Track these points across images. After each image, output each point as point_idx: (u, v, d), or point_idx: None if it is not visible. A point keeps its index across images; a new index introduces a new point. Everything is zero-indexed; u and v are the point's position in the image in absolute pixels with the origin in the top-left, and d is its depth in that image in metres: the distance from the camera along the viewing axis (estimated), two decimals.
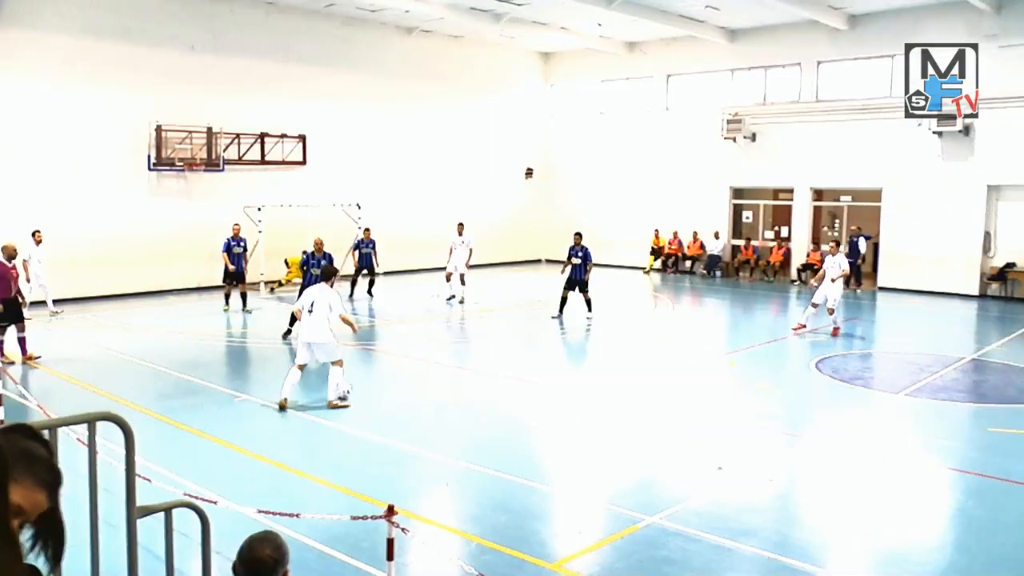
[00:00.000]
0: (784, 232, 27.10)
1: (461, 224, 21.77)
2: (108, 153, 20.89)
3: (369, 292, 21.55)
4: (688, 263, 28.65)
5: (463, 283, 20.73)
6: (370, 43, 26.16)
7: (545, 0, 22.71)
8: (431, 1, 22.92)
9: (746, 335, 18.30)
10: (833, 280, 17.13)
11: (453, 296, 20.83)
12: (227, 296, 18.97)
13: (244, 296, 19.05)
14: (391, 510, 5.89)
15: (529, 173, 31.79)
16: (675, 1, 23.21)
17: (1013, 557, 7.03)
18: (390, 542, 5.87)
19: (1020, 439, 10.37)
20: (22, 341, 13.51)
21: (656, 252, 29.00)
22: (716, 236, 27.77)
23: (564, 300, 18.40)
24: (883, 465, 9.45)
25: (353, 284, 21.53)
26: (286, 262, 23.54)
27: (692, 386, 13.17)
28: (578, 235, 18.62)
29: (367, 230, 21.75)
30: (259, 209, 22.04)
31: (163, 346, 15.44)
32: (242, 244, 18.97)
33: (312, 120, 24.66)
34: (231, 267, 18.46)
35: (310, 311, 11.03)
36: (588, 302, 18.12)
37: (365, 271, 21.52)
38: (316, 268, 15.79)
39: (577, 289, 18.20)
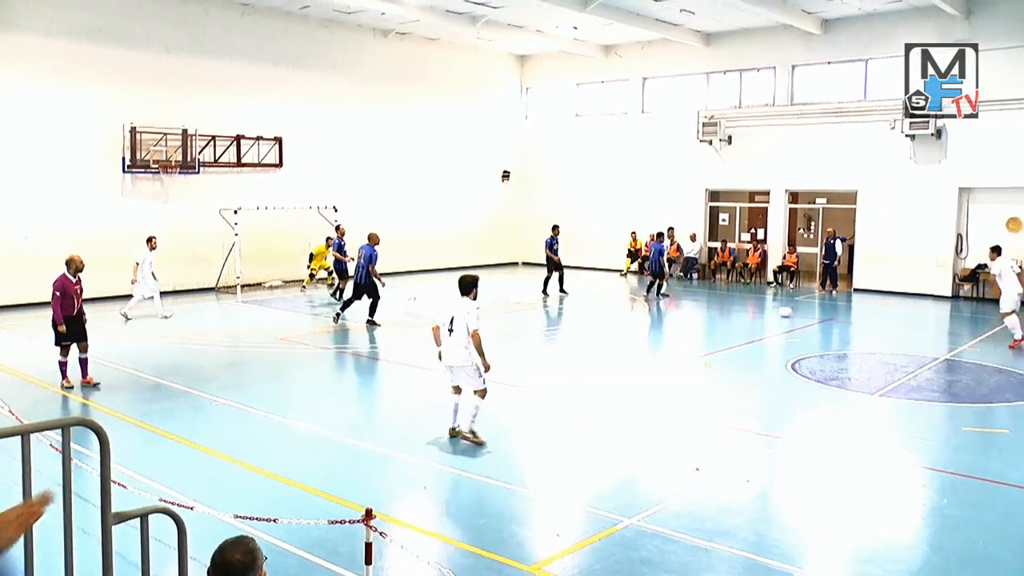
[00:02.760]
0: (760, 234, 27.29)
1: None
2: (82, 155, 20.69)
3: (333, 295, 21.45)
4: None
5: None
6: (346, 45, 26.10)
7: (521, 3, 22.75)
8: (407, 3, 22.89)
9: (723, 337, 18.40)
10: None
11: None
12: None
13: None
14: (369, 514, 5.86)
15: (506, 176, 31.81)
16: (650, 5, 23.30)
17: (987, 555, 7.10)
18: (368, 546, 5.84)
19: (993, 438, 10.50)
20: (83, 363, 12.31)
21: (633, 255, 29.10)
22: (692, 238, 27.91)
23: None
24: (859, 465, 9.54)
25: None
26: (311, 255, 23.60)
27: (669, 387, 13.23)
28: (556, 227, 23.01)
29: (339, 227, 21.55)
30: (235, 212, 21.92)
31: (139, 350, 15.30)
32: None
33: (288, 122, 24.57)
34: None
35: (450, 329, 9.67)
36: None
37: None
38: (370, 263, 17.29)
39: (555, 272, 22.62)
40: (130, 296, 18.43)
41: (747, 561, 6.87)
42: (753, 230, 27.62)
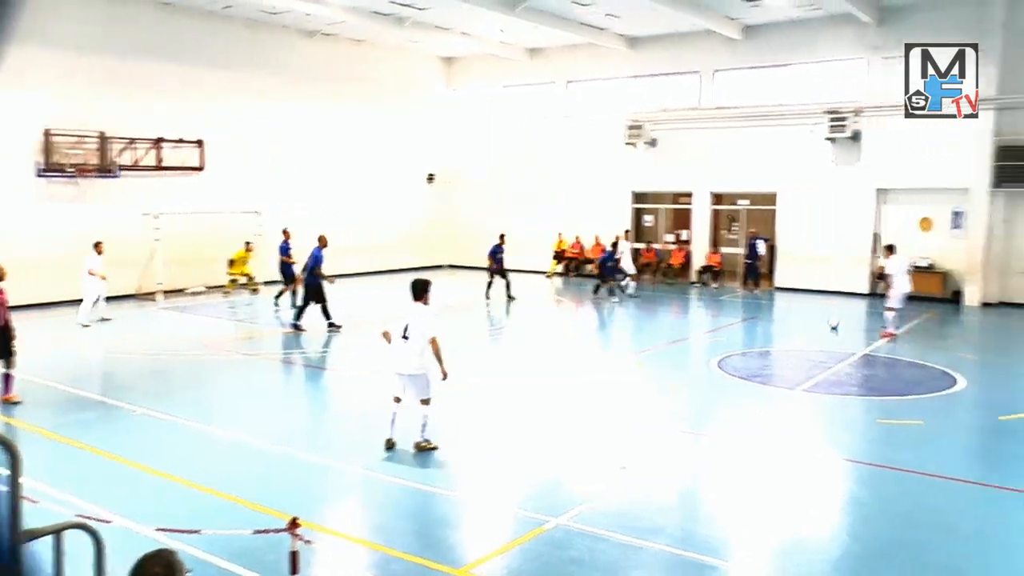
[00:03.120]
0: (684, 235, 27.74)
1: None
2: None
3: (276, 299, 21.09)
4: (590, 266, 29.01)
5: None
6: (272, 46, 25.70)
7: (447, 5, 22.71)
8: (332, 4, 22.64)
9: (649, 336, 18.65)
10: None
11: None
12: None
13: None
14: (294, 522, 5.80)
15: (431, 178, 31.71)
16: (576, 9, 23.50)
17: (901, 540, 7.37)
18: (294, 555, 5.78)
19: (906, 429, 10.86)
20: (7, 379, 11.51)
21: (559, 256, 29.28)
22: (617, 239, 28.14)
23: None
24: (782, 458, 9.79)
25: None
26: (231, 261, 23.04)
27: (596, 387, 13.34)
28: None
29: (285, 230, 21.16)
30: (156, 216, 21.37)
31: (54, 359, 14.78)
32: None
33: (211, 124, 24.07)
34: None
35: (405, 336, 9.35)
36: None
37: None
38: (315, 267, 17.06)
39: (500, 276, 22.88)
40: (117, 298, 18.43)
41: (675, 557, 6.98)
42: (677, 231, 28.06)
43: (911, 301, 17.94)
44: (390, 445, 9.47)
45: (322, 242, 17.76)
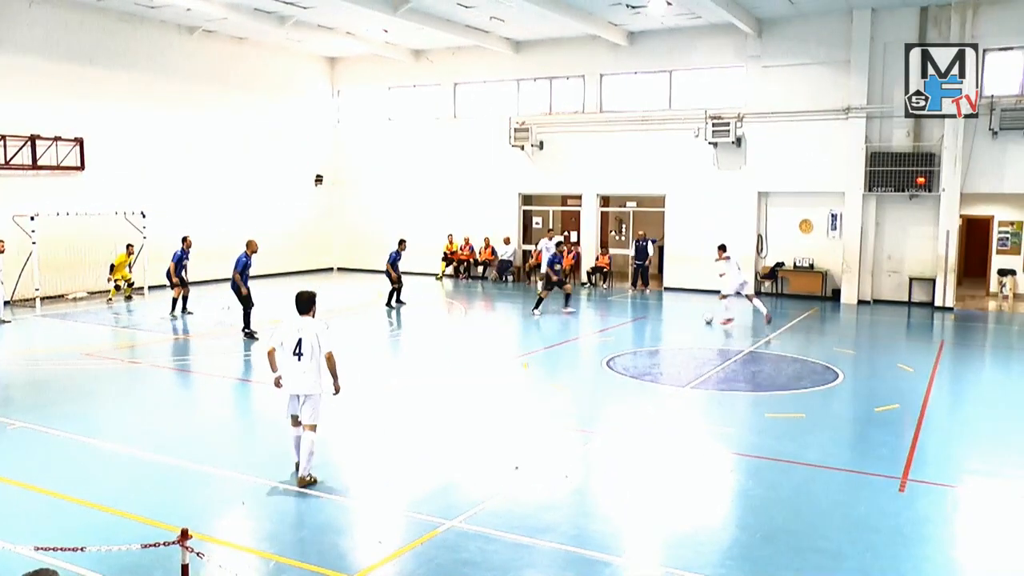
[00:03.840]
0: (573, 237, 28.02)
1: None
2: None
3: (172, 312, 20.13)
4: (480, 268, 29.01)
5: None
6: (150, 41, 24.67)
7: (330, 4, 22.26)
8: (213, 0, 21.88)
9: (538, 338, 18.70)
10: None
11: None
12: None
13: None
14: (185, 534, 5.60)
15: (319, 180, 31.11)
16: (460, 11, 23.41)
17: (787, 529, 7.53)
18: (184, 568, 5.59)
19: (790, 422, 11.16)
20: None
21: (448, 259, 29.15)
22: (506, 242, 28.27)
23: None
24: (672, 454, 9.91)
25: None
26: (112, 266, 21.83)
27: (487, 388, 13.26)
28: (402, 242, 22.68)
29: (186, 238, 20.20)
30: (32, 218, 20.16)
31: None
32: None
33: (90, 122, 22.97)
34: None
35: (298, 353, 8.49)
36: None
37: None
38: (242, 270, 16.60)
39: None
40: None
41: (568, 554, 6.93)
42: (566, 233, 28.33)
43: (797, 300, 18.55)
44: (309, 482, 8.50)
45: (250, 247, 17.07)
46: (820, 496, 8.45)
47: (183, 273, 19.76)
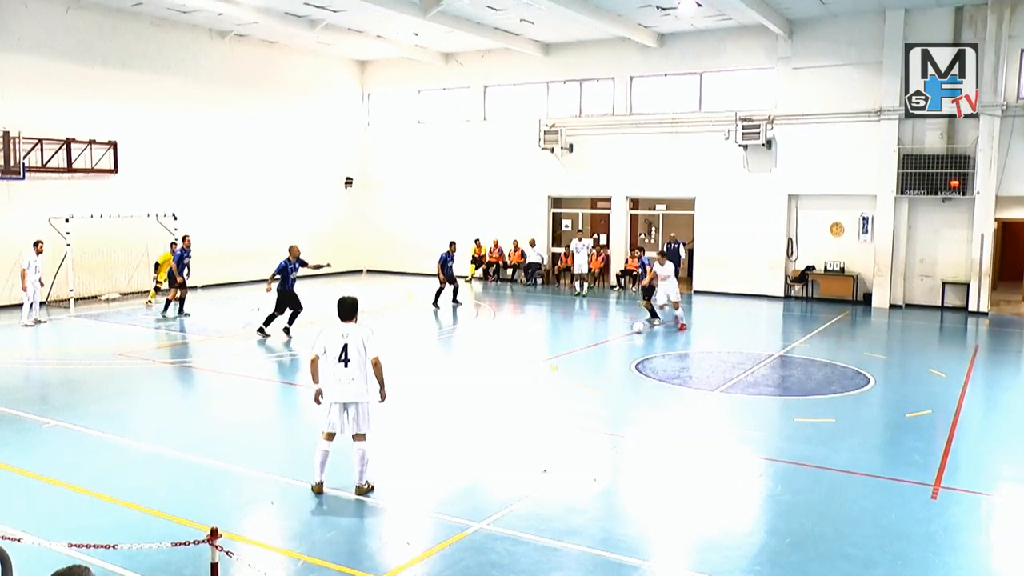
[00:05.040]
0: (603, 239, 27.96)
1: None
2: None
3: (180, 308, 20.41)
4: (509, 271, 29.03)
5: None
6: (182, 45, 24.98)
7: (361, 8, 22.41)
8: (244, 4, 22.11)
9: (567, 340, 18.67)
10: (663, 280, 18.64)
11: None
12: None
13: None
14: (214, 533, 5.63)
15: (349, 182, 31.30)
16: (490, 14, 23.46)
17: (816, 535, 7.46)
18: (214, 567, 5.61)
19: (819, 427, 11.07)
20: None
21: (477, 261, 29.20)
22: (532, 244, 28.25)
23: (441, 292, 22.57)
24: (700, 458, 9.86)
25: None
26: (156, 265, 22.10)
27: (516, 391, 13.27)
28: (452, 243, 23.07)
29: (186, 237, 20.51)
30: (67, 220, 20.50)
31: None
32: None
33: (124, 126, 23.30)
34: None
35: (344, 360, 8.23)
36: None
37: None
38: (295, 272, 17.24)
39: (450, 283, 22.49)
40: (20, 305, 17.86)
41: (595, 557, 6.93)
42: (596, 235, 28.27)
43: (827, 304, 18.36)
44: (319, 490, 8.33)
45: (293, 253, 17.65)
46: (850, 502, 8.36)
47: (185, 272, 19.94)
